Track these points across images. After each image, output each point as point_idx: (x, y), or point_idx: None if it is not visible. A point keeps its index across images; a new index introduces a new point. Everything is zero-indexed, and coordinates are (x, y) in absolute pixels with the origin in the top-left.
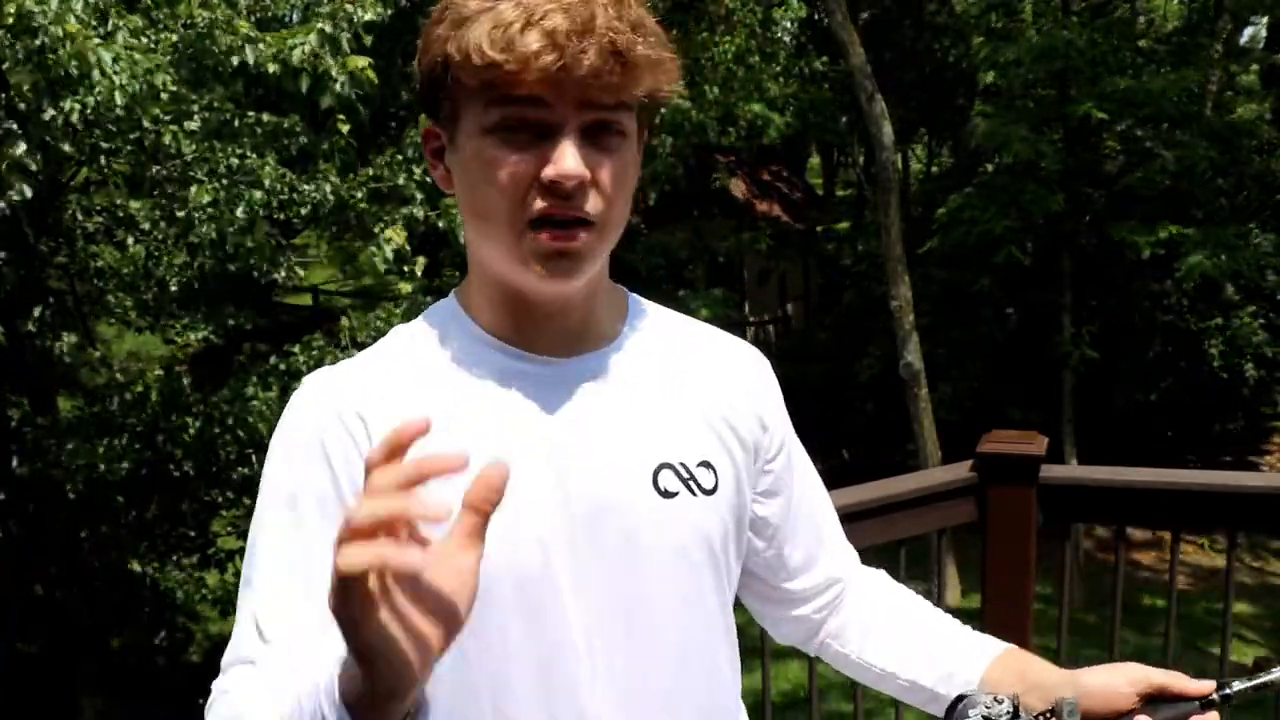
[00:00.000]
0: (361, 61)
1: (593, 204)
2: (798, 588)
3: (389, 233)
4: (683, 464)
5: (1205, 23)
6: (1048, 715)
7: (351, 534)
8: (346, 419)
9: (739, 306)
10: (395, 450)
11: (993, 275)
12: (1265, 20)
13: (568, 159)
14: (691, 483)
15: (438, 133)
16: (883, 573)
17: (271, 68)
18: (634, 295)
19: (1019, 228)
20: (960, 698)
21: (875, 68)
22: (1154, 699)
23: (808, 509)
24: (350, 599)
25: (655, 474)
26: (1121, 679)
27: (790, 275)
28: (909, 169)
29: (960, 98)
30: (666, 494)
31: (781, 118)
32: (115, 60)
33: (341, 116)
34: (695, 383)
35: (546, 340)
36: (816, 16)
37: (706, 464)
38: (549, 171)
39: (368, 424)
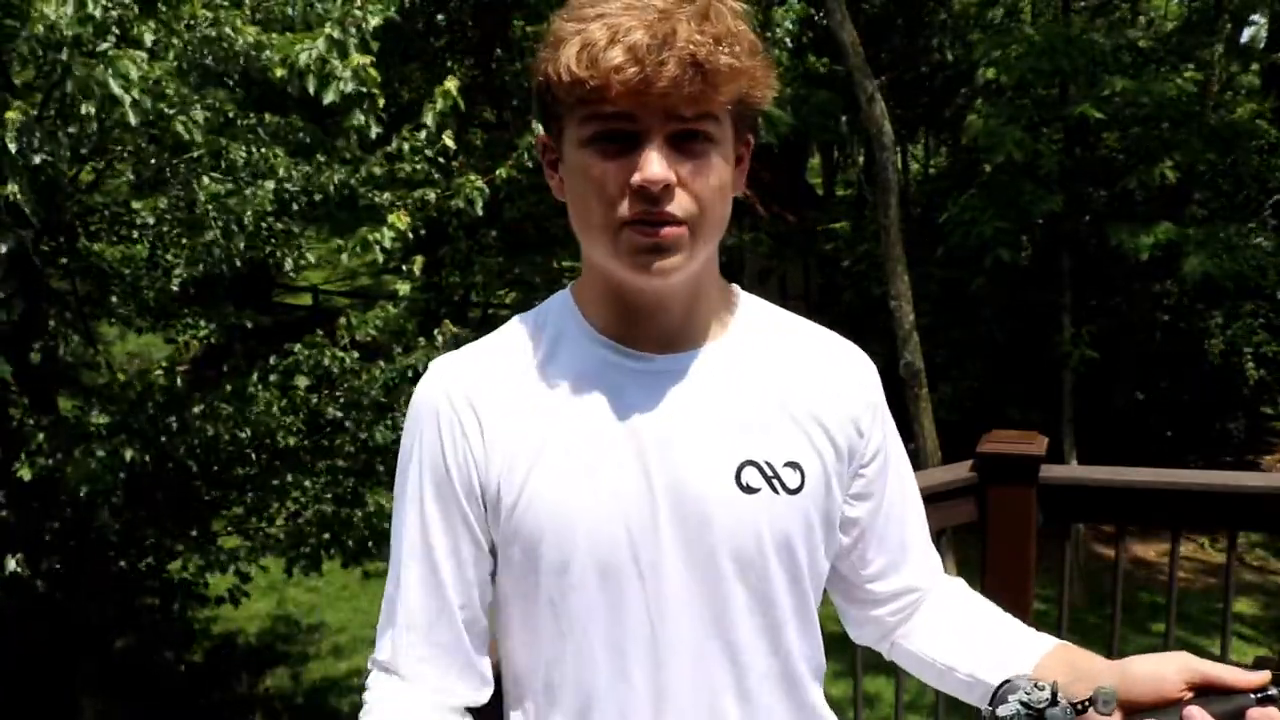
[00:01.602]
0: (365, 58)
1: (681, 204)
2: (879, 589)
3: (393, 217)
4: (768, 462)
5: (1205, 23)
6: (1084, 704)
7: None
8: (457, 403)
9: None
10: None
11: (991, 275)
12: (1265, 20)
13: (653, 165)
14: (775, 481)
15: (551, 146)
16: (961, 581)
17: (279, 72)
18: (746, 295)
19: (1012, 229)
20: (1004, 683)
21: (874, 67)
22: (1204, 690)
23: (898, 515)
24: None
25: (739, 470)
26: (1170, 668)
27: (790, 275)
28: (909, 169)
29: (960, 97)
30: (749, 489)
31: (785, 116)
32: (125, 86)
33: (377, 90)
34: (792, 384)
35: (648, 337)
36: (816, 16)
37: (793, 464)
38: (636, 178)
39: (476, 408)
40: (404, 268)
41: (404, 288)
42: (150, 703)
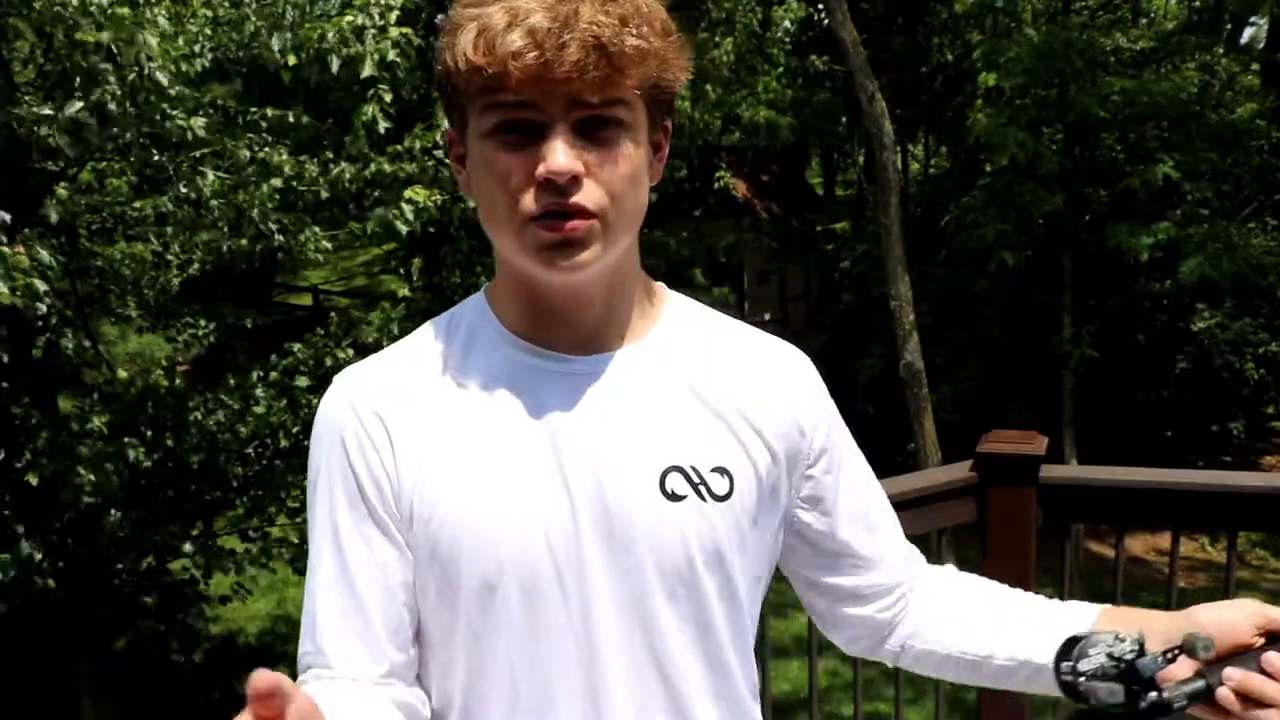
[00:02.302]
0: (407, 30)
1: (590, 196)
2: (854, 584)
3: (410, 191)
4: (694, 468)
5: (1205, 23)
6: (1176, 651)
7: None
8: (363, 414)
9: (739, 306)
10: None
11: (992, 276)
12: (1265, 20)
13: (558, 155)
14: (702, 487)
15: (457, 139)
16: (951, 566)
17: (291, 59)
18: (673, 294)
19: (1013, 231)
20: (1073, 640)
21: (874, 67)
22: (1277, 636)
23: (862, 512)
24: None
25: (663, 476)
26: (1238, 614)
27: (790, 275)
28: (909, 169)
29: (960, 97)
30: (674, 497)
31: (786, 119)
32: (156, 52)
33: (384, 86)
34: (721, 386)
35: (566, 337)
36: (816, 16)
37: (721, 469)
38: (540, 170)
39: (384, 418)
40: (402, 270)
41: (403, 289)
42: (150, 703)
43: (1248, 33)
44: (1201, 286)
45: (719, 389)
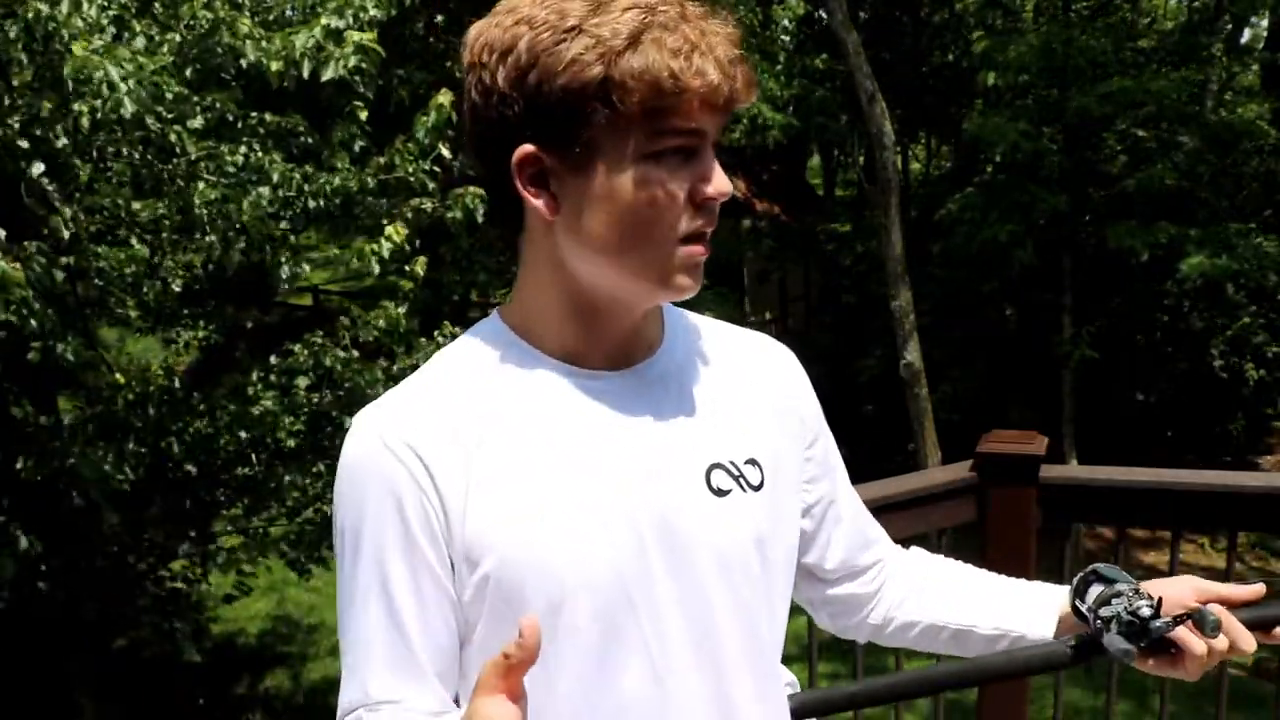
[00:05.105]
0: (368, 35)
1: None
2: (845, 569)
3: (390, 229)
4: (732, 462)
5: (1205, 23)
6: (1185, 617)
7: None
8: (400, 453)
9: (739, 306)
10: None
11: (994, 276)
12: (1265, 20)
13: (722, 177)
14: (741, 480)
15: (541, 158)
16: (916, 548)
17: (275, 66)
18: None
19: (1020, 231)
20: (1093, 574)
21: (875, 67)
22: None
23: (846, 492)
24: None
25: (708, 474)
26: (1186, 588)
27: (790, 275)
28: (909, 169)
29: (960, 96)
30: (720, 492)
31: (784, 117)
32: (123, 75)
33: (359, 104)
34: (735, 382)
35: (602, 354)
36: (816, 15)
37: (753, 461)
38: (710, 190)
39: (422, 454)
40: (406, 267)
41: (406, 285)
42: (150, 703)
43: (1248, 33)
44: (1203, 287)
45: (733, 384)
